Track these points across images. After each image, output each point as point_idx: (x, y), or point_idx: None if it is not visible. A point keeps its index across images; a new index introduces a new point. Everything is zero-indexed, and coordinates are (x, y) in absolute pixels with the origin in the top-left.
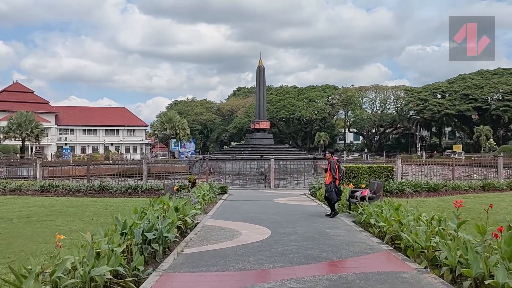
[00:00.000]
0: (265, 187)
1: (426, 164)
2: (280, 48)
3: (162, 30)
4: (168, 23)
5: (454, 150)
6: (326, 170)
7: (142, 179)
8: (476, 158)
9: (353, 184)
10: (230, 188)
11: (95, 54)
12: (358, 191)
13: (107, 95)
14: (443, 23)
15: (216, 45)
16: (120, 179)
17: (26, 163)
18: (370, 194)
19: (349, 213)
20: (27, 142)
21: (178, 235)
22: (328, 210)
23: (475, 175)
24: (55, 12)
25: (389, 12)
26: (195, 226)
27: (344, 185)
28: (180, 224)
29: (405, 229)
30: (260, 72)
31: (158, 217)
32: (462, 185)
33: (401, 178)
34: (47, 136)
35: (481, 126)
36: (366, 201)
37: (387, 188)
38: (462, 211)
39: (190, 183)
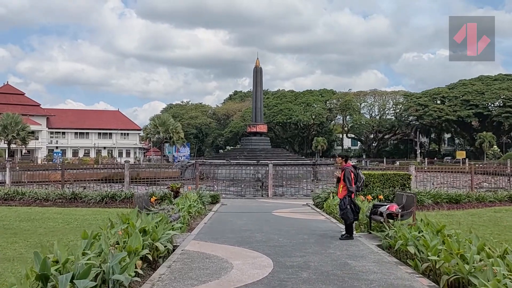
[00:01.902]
0: (262, 195)
1: (440, 172)
2: (277, 53)
3: (159, 34)
4: (166, 27)
5: (457, 157)
6: (338, 180)
7: (127, 185)
8: (482, 165)
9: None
10: (223, 196)
11: (92, 58)
12: (382, 205)
13: (104, 99)
14: (439, 30)
15: (213, 50)
16: (104, 184)
17: None
18: (399, 211)
19: (370, 232)
20: (13, 145)
21: (144, 269)
22: (342, 227)
23: (485, 183)
24: (52, 15)
25: (385, 19)
26: (173, 250)
27: (361, 196)
28: (147, 253)
29: (474, 269)
30: (257, 72)
31: (116, 244)
32: (487, 196)
33: (416, 187)
34: (37, 139)
35: (484, 133)
36: (398, 220)
37: None
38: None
39: (172, 192)
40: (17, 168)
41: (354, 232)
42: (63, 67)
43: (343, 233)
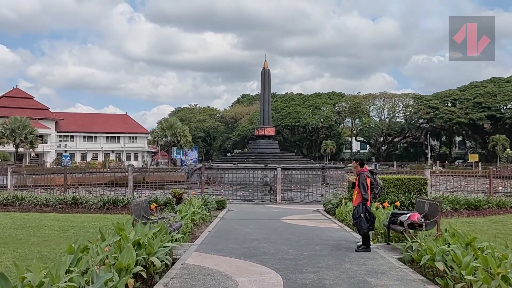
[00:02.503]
0: (270, 200)
1: (454, 176)
2: (286, 57)
3: (168, 38)
4: (174, 31)
5: (470, 161)
6: (353, 186)
7: (134, 189)
8: (496, 169)
9: (380, 202)
10: (230, 201)
11: (102, 62)
12: (401, 214)
13: (113, 103)
14: (448, 33)
15: (222, 54)
16: (110, 188)
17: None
18: (422, 220)
19: (388, 243)
20: (21, 149)
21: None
22: (357, 237)
23: (500, 188)
24: (62, 20)
25: (394, 22)
26: (173, 264)
27: (376, 203)
28: (141, 270)
29: None
30: (265, 75)
31: (105, 258)
32: (508, 202)
33: (430, 191)
34: (46, 143)
35: (497, 135)
36: (422, 230)
37: None
38: None
39: (175, 199)
40: (24, 172)
41: (371, 243)
42: (73, 71)
43: (359, 243)
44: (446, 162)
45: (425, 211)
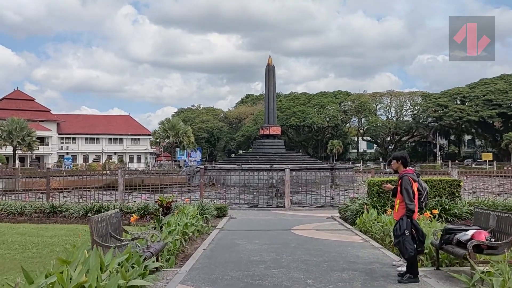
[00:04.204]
0: (277, 205)
1: (475, 175)
2: (291, 57)
3: (172, 40)
4: (179, 33)
5: (483, 159)
6: (394, 194)
7: (131, 193)
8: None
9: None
10: (232, 206)
11: (106, 65)
12: (458, 230)
13: (118, 105)
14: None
15: (226, 55)
16: (105, 192)
17: None
18: (492, 240)
19: (438, 269)
20: (20, 151)
21: None
22: (391, 256)
23: None
24: (67, 23)
25: (400, 21)
26: None
27: (427, 214)
28: None
29: None
30: (270, 71)
31: None
32: None
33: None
34: (47, 145)
35: (510, 133)
36: (493, 253)
37: (455, 211)
38: None
39: (161, 208)
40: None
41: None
42: (78, 74)
43: (401, 269)
44: (456, 161)
45: (490, 226)
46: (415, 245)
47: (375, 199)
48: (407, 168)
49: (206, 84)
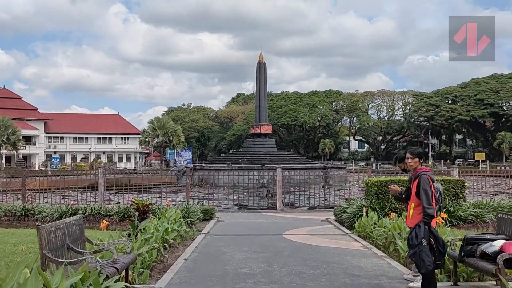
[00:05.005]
0: (268, 207)
1: (479, 176)
2: (282, 57)
3: (163, 39)
4: (170, 32)
5: (471, 160)
6: (408, 195)
7: (116, 193)
8: (506, 168)
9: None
10: (220, 208)
11: (96, 64)
12: (482, 240)
13: (108, 105)
14: (445, 32)
15: (218, 54)
16: (90, 193)
17: None
18: None
19: (457, 284)
20: (4, 150)
21: None
22: (397, 267)
23: None
24: (56, 21)
25: (391, 22)
26: None
27: (438, 219)
28: None
29: None
30: (261, 68)
31: None
32: None
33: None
34: (35, 144)
35: (503, 133)
36: None
37: (459, 214)
38: None
39: (138, 213)
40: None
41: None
42: (67, 73)
43: (414, 286)
44: (447, 161)
45: None
46: (432, 258)
47: (373, 200)
48: (424, 166)
49: (197, 84)
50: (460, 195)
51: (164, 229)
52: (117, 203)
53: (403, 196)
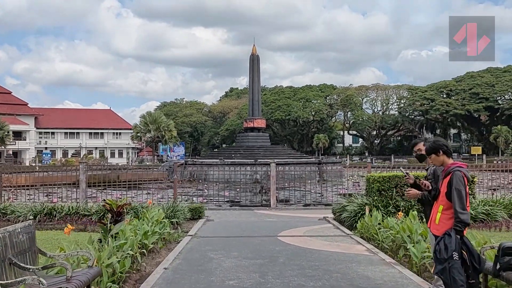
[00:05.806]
0: (261, 204)
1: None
2: (276, 52)
3: (157, 34)
4: (163, 26)
5: (466, 154)
6: (435, 196)
7: (104, 189)
8: (502, 162)
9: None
10: (212, 206)
11: (90, 59)
12: None
13: (101, 100)
14: (438, 27)
15: (212, 49)
16: (76, 189)
17: None
18: None
19: None
20: None
21: None
22: (411, 277)
23: None
24: (48, 16)
25: (385, 16)
26: None
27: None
28: None
29: None
30: (254, 61)
31: None
32: None
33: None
34: (25, 140)
35: (499, 127)
36: None
37: (470, 212)
38: None
39: (111, 214)
40: None
41: None
42: (60, 68)
43: None
44: None
45: None
46: (465, 275)
47: (376, 198)
48: (456, 161)
49: (191, 79)
50: (470, 191)
51: (143, 232)
52: (103, 200)
53: (431, 195)
